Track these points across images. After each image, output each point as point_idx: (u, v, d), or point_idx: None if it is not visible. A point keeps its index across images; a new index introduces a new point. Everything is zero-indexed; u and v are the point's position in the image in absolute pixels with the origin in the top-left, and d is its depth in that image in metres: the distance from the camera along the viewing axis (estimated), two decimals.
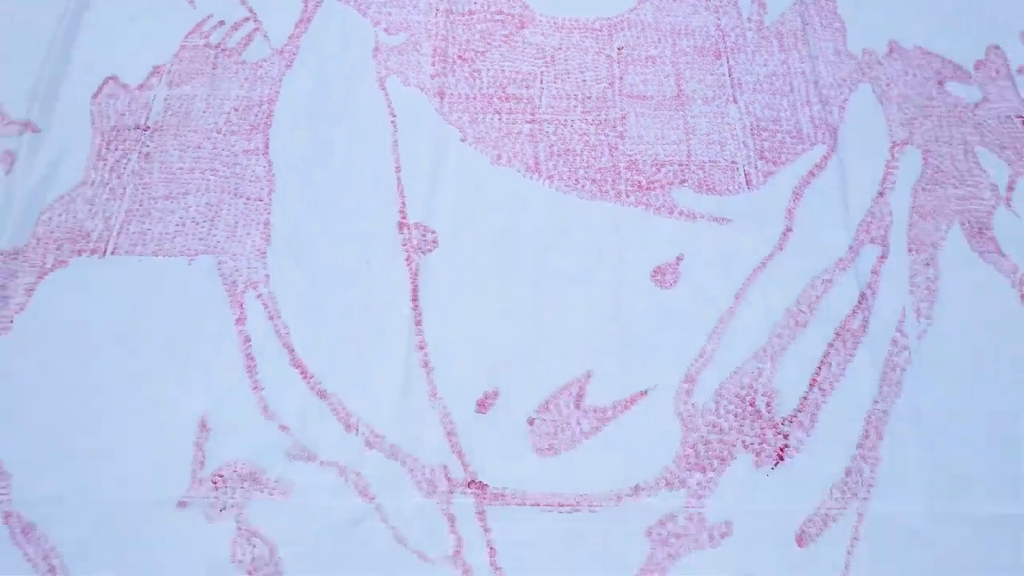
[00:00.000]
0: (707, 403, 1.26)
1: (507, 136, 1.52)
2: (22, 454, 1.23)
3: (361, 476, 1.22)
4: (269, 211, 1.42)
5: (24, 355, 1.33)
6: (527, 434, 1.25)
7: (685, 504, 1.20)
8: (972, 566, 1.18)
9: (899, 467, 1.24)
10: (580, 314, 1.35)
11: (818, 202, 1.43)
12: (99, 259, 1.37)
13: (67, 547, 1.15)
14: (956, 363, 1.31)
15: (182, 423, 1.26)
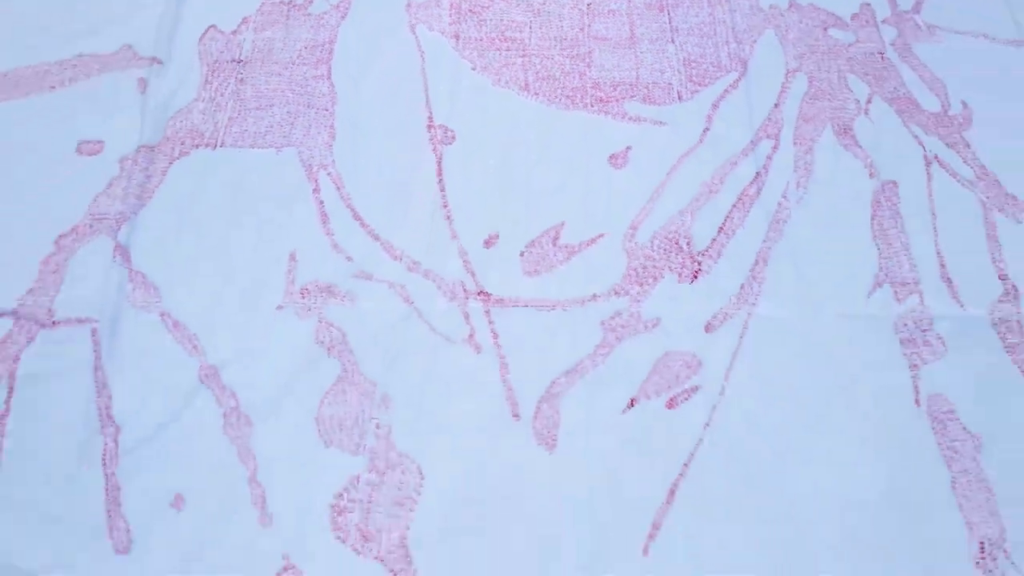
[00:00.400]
0: (645, 242, 1.73)
1: (505, 66, 1.99)
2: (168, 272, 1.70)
3: (404, 288, 1.69)
4: (333, 118, 1.90)
5: (164, 217, 1.81)
6: (519, 262, 1.73)
7: (628, 306, 1.67)
8: (830, 354, 1.65)
9: (779, 284, 1.71)
10: (558, 186, 1.83)
11: (730, 111, 1.89)
12: (211, 150, 1.88)
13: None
14: (823, 219, 1.78)
15: (278, 257, 1.74)
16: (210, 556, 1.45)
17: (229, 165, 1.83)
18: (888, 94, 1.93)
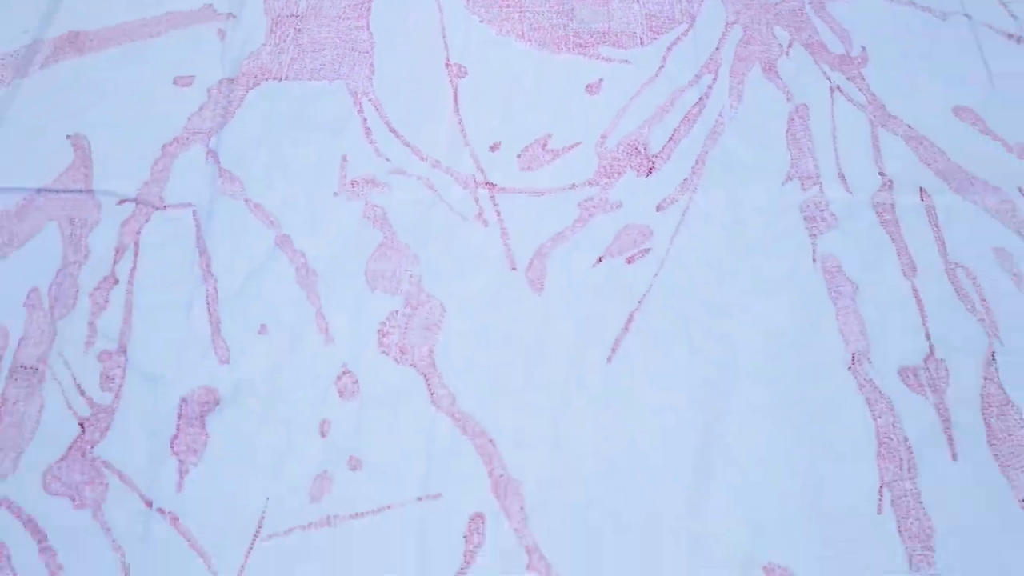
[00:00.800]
0: (612, 148, 2.19)
1: (506, 20, 2.44)
2: (248, 170, 2.18)
3: (430, 180, 2.14)
4: (372, 58, 2.37)
5: (243, 130, 2.28)
6: (516, 162, 2.19)
7: (599, 192, 2.14)
8: (750, 227, 2.11)
9: (713, 178, 2.18)
10: (547, 108, 2.29)
11: (680, 52, 2.35)
12: (277, 82, 2.35)
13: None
14: (749, 131, 2.23)
15: (333, 159, 2.21)
16: (288, 365, 1.93)
17: (292, 93, 2.30)
18: (804, 40, 2.38)
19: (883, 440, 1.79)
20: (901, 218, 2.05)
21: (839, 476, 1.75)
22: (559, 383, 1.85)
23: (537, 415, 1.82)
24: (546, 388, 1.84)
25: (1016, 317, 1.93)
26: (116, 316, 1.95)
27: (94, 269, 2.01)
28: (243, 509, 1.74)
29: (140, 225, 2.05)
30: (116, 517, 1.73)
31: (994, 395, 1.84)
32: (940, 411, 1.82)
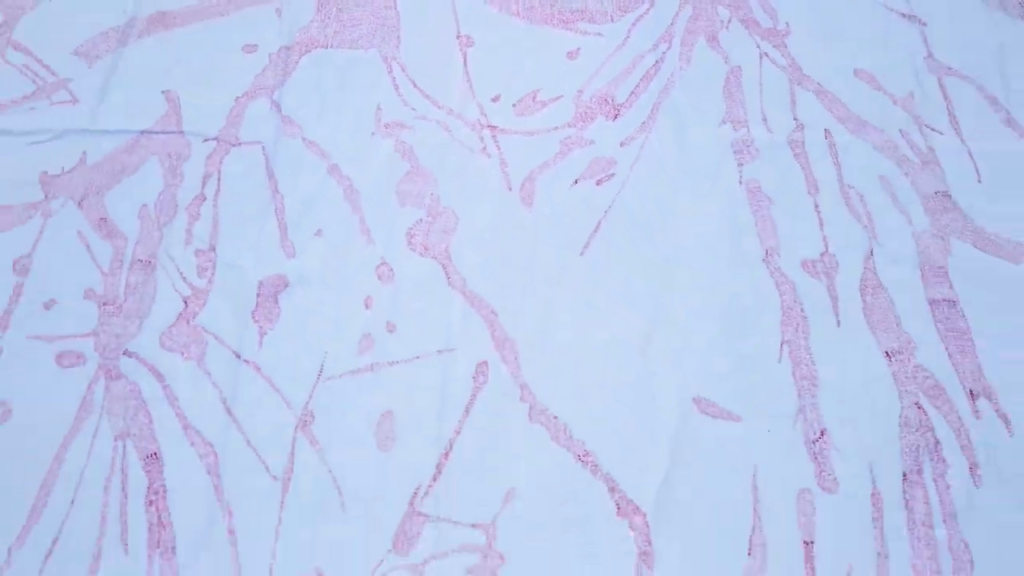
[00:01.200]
0: (587, 99, 2.73)
1: (504, 1, 3.03)
2: (304, 114, 2.73)
3: (445, 123, 2.64)
4: (399, 31, 2.92)
5: (299, 86, 2.83)
6: (512, 110, 2.74)
7: (575, 133, 2.68)
8: (691, 159, 2.66)
9: (665, 122, 2.71)
10: (535, 69, 2.83)
11: (642, 27, 2.85)
12: (323, 49, 2.89)
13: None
14: (694, 87, 2.77)
15: (370, 108, 2.76)
16: (339, 258, 2.48)
17: (336, 58, 2.84)
18: (741, 17, 2.91)
19: (786, 311, 2.34)
20: (809, 152, 2.60)
21: (753, 335, 2.31)
22: (544, 270, 2.40)
23: (528, 292, 2.36)
24: (534, 273, 2.38)
25: (892, 225, 2.47)
26: (207, 224, 2.49)
27: (188, 190, 2.55)
28: (307, 360, 2.29)
29: (221, 157, 2.60)
30: (214, 366, 2.28)
31: (870, 280, 2.38)
32: (830, 292, 2.37)
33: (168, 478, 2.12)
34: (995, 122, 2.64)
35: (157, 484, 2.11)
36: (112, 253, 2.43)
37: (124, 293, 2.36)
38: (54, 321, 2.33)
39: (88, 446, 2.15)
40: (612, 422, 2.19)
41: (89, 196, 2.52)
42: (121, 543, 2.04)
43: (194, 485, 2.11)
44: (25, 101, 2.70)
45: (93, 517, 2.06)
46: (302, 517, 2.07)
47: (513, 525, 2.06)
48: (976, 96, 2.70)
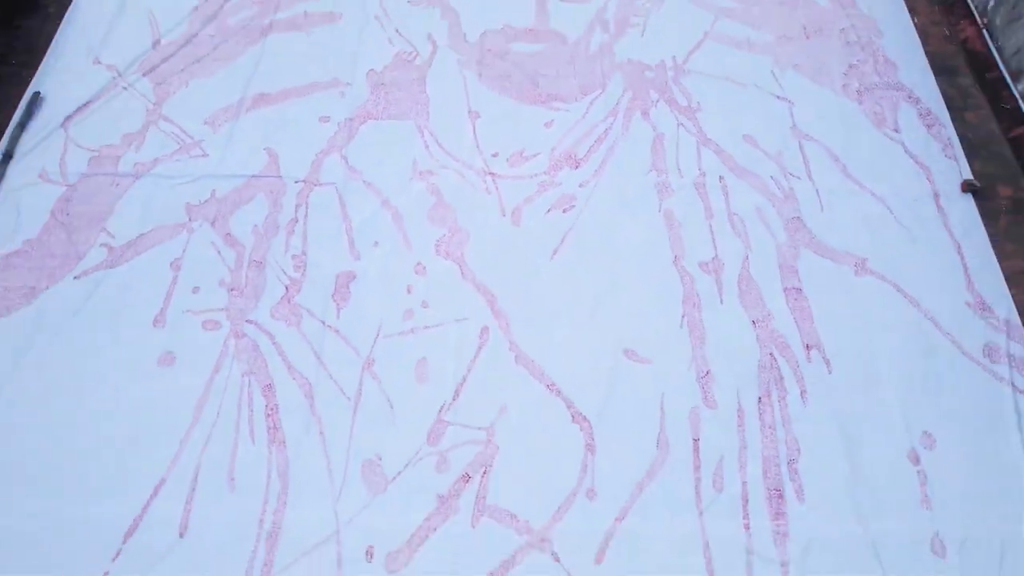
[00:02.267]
0: (558, 155, 3.86)
1: (501, 85, 4.12)
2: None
3: (460, 171, 3.72)
4: (428, 108, 4.03)
5: (360, 144, 3.95)
6: (506, 162, 3.85)
7: (550, 176, 3.77)
8: (627, 199, 3.77)
9: (611, 170, 3.83)
10: (523, 131, 3.94)
11: (598, 104, 3.96)
12: (375, 120, 4.00)
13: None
14: (632, 146, 3.90)
15: (407, 161, 3.86)
16: (390, 260, 3.55)
17: (384, 127, 3.94)
18: (666, 98, 4.02)
19: (687, 295, 3.39)
20: (708, 191, 3.70)
21: (665, 310, 3.37)
22: (527, 267, 3.46)
23: (515, 282, 3.42)
24: (520, 270, 3.45)
25: (761, 239, 3.55)
26: (299, 238, 3.58)
27: (285, 215, 3.65)
28: (369, 326, 3.33)
29: (308, 193, 3.70)
30: (307, 329, 3.32)
31: (744, 275, 3.44)
32: (717, 283, 3.42)
33: (279, 399, 3.16)
34: (835, 171, 3.77)
35: (272, 404, 3.15)
36: (235, 256, 3.52)
37: (244, 282, 3.44)
38: (199, 301, 3.40)
39: (225, 380, 3.20)
40: (571, 364, 3.24)
41: (218, 219, 3.62)
42: (250, 440, 3.07)
43: (296, 404, 3.15)
44: (173, 156, 3.83)
45: (231, 424, 3.10)
46: (366, 424, 3.11)
47: (505, 428, 3.09)
48: (823, 154, 3.83)
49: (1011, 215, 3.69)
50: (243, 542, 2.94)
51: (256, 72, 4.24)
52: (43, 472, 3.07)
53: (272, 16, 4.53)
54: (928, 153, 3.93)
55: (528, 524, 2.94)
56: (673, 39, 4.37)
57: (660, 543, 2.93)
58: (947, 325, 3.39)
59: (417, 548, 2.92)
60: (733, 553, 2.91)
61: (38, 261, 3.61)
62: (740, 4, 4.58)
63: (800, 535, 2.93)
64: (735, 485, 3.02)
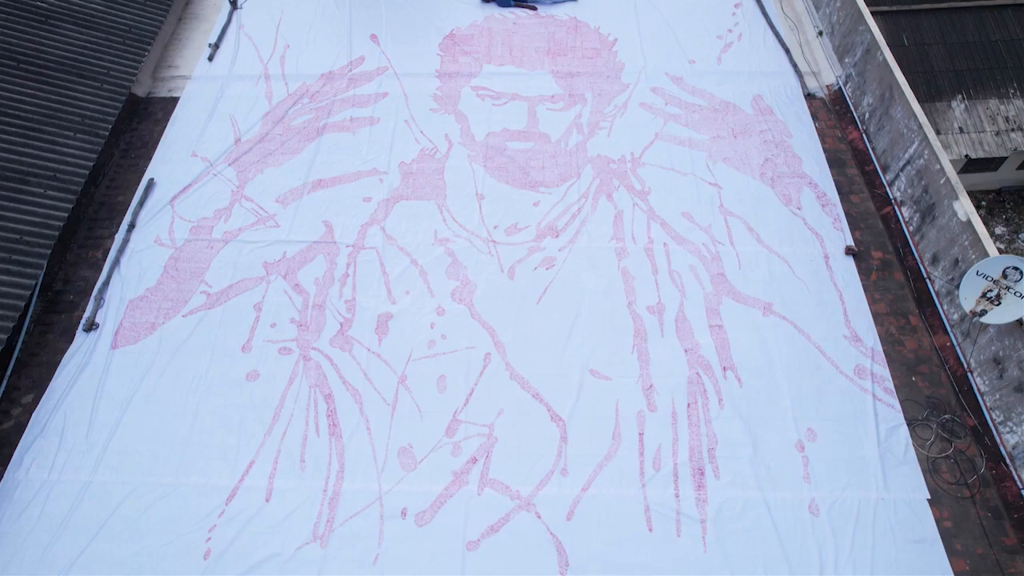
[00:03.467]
0: (542, 227, 5.05)
1: (500, 175, 5.36)
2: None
3: (468, 239, 4.95)
4: (445, 192, 5.27)
5: (396, 218, 5.14)
6: (504, 232, 5.02)
7: (536, 242, 4.95)
8: (594, 258, 4.92)
9: (582, 238, 5.00)
10: (516, 210, 5.16)
11: (573, 189, 5.17)
12: (406, 200, 5.23)
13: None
14: (598, 220, 5.09)
15: (429, 231, 5.04)
16: (418, 303, 4.68)
17: (412, 206, 5.18)
18: (625, 184, 5.29)
19: (636, 330, 4.53)
20: (655, 254, 4.88)
21: (619, 341, 4.49)
22: (519, 309, 4.61)
23: (510, 320, 4.57)
24: (514, 311, 4.60)
25: (693, 289, 4.70)
26: (350, 288, 4.73)
27: (339, 270, 4.81)
28: (403, 351, 4.47)
29: (356, 255, 4.87)
30: (358, 355, 4.45)
31: (679, 316, 4.58)
32: (660, 321, 4.57)
33: (337, 404, 4.25)
34: (750, 239, 4.96)
35: (331, 407, 4.23)
36: (302, 301, 4.66)
37: (309, 320, 4.57)
38: (276, 333, 4.53)
39: (296, 391, 4.30)
40: (550, 379, 4.36)
41: (288, 273, 4.78)
42: (316, 433, 4.14)
43: (349, 408, 4.25)
44: (253, 226, 5.03)
45: (302, 421, 4.18)
46: (401, 422, 4.20)
47: (502, 425, 4.18)
48: (742, 226, 5.02)
49: (879, 271, 4.86)
50: (311, 505, 4.00)
51: (314, 163, 5.51)
52: (168, 454, 4.18)
53: (326, 119, 5.83)
54: (821, 225, 5.14)
55: (519, 492, 3.99)
56: (632, 139, 5.65)
57: (613, 506, 3.98)
58: (829, 352, 4.52)
59: (438, 510, 3.97)
60: (666, 513, 3.96)
61: (156, 304, 4.77)
62: (683, 111, 5.88)
63: (715, 501, 3.98)
64: (669, 466, 4.09)
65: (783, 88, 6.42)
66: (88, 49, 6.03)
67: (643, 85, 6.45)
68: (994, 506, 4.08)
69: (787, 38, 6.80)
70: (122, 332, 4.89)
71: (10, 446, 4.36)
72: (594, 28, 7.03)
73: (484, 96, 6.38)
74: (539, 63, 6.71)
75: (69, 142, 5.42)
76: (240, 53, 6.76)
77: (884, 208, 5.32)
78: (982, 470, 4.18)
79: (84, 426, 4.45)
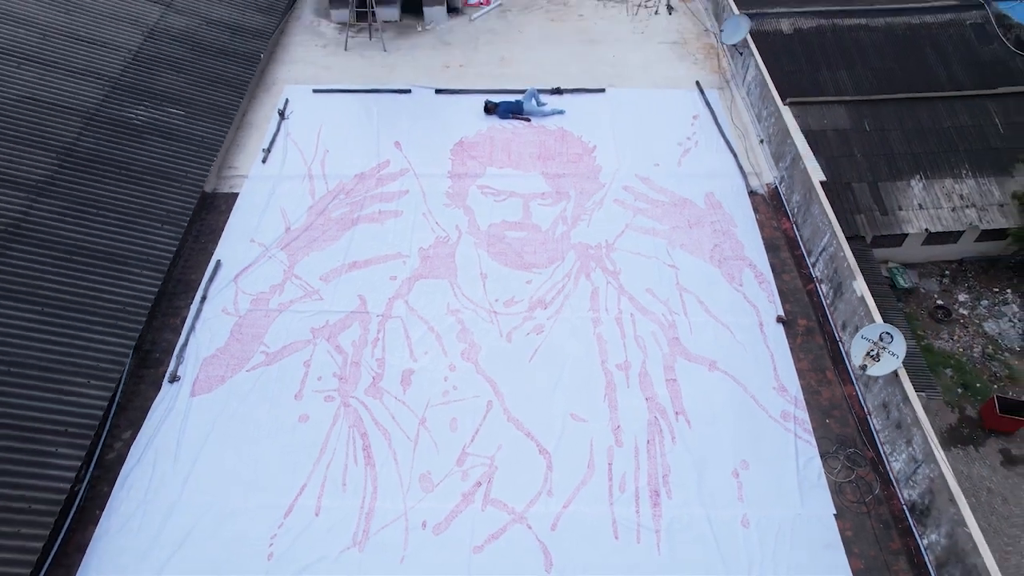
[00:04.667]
0: (534, 300, 6.21)
1: (501, 258, 6.59)
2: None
3: (474, 311, 6.14)
4: (457, 272, 6.48)
5: (417, 292, 6.32)
6: (503, 305, 6.19)
7: (528, 312, 6.12)
8: (575, 328, 6.08)
9: (566, 310, 6.16)
10: (513, 286, 6.35)
11: (559, 269, 6.41)
12: (424, 279, 6.42)
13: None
14: (577, 298, 6.28)
15: (443, 303, 6.21)
16: (435, 362, 5.80)
17: (430, 284, 6.37)
18: (601, 266, 6.48)
19: (608, 383, 5.64)
20: (624, 323, 6.03)
21: (594, 392, 5.60)
22: (515, 366, 5.77)
23: (508, 376, 5.73)
24: (511, 368, 5.74)
25: (653, 352, 5.85)
26: (380, 348, 5.88)
27: (371, 334, 5.97)
28: (423, 399, 5.59)
29: (384, 323, 6.04)
30: (387, 402, 5.56)
31: (643, 372, 5.71)
32: (627, 377, 5.69)
33: (371, 441, 5.35)
34: (701, 311, 6.17)
35: (366, 443, 5.35)
36: (342, 360, 5.83)
37: (348, 374, 5.70)
38: (321, 385, 5.70)
39: (340, 430, 5.39)
40: (539, 421, 5.49)
41: (331, 337, 5.96)
42: (354, 462, 5.21)
43: (380, 444, 5.36)
44: (301, 299, 6.27)
45: (343, 455, 5.27)
46: (421, 454, 5.34)
47: (501, 457, 5.31)
48: (695, 300, 6.22)
49: (803, 336, 6.04)
50: (351, 519, 5.06)
51: (350, 248, 6.78)
52: (238, 479, 5.28)
53: (359, 212, 7.14)
54: (758, 299, 6.35)
55: (514, 508, 5.07)
56: (606, 229, 6.96)
57: (587, 520, 5.05)
58: (761, 400, 5.66)
59: (450, 522, 5.02)
60: (629, 526, 5.02)
61: (225, 361, 5.93)
62: (649, 206, 7.20)
63: (667, 516, 5.05)
64: (631, 488, 5.17)
65: (731, 186, 7.77)
66: (170, 156, 7.39)
67: (616, 184, 7.83)
68: (884, 519, 5.12)
69: (735, 145, 8.21)
70: (198, 383, 6.02)
71: (114, 472, 5.41)
72: (577, 136, 8.46)
73: (487, 193, 7.73)
74: (532, 166, 8.08)
75: (157, 231, 6.67)
76: (288, 156, 8.14)
77: (808, 285, 6.54)
78: (876, 491, 5.22)
79: (171, 457, 5.51)
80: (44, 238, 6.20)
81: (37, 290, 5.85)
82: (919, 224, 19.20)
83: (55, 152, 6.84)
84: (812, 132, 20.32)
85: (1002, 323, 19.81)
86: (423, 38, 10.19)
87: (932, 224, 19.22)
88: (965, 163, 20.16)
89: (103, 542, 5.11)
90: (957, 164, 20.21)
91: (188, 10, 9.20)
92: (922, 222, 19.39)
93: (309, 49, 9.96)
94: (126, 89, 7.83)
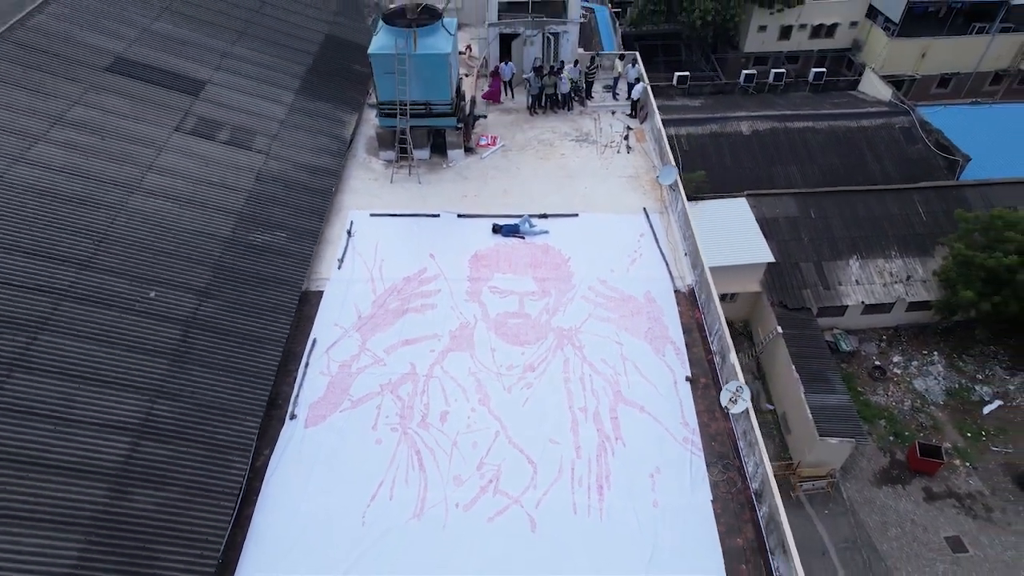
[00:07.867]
0: (526, 364, 9.24)
1: (502, 331, 9.67)
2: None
3: (490, 375, 9.16)
4: (474, 345, 9.54)
5: (440, 380, 9.34)
6: (505, 368, 9.21)
7: (522, 374, 9.12)
8: (566, 376, 9.07)
9: (551, 367, 9.17)
10: (512, 362, 9.38)
11: (544, 346, 9.52)
12: (455, 351, 9.47)
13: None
14: (555, 363, 9.30)
15: (466, 367, 9.22)
16: (459, 412, 8.78)
17: (459, 356, 9.44)
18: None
19: (573, 421, 8.61)
20: (584, 381, 9.06)
21: (564, 427, 8.57)
22: (513, 409, 8.79)
23: (509, 415, 8.80)
24: (510, 409, 8.78)
25: (603, 397, 8.84)
26: (427, 398, 8.88)
27: (419, 389, 8.98)
28: (454, 431, 8.59)
29: (428, 381, 9.08)
30: (433, 432, 8.52)
31: (607, 411, 8.68)
32: (595, 418, 8.65)
33: (422, 457, 8.33)
34: (636, 372, 9.19)
35: (420, 459, 8.38)
36: (401, 405, 8.96)
37: (405, 414, 8.71)
38: (388, 420, 8.74)
39: (402, 449, 8.41)
40: (530, 444, 8.56)
41: (393, 390, 9.05)
42: (411, 468, 8.21)
43: (429, 459, 8.42)
44: (371, 365, 9.34)
45: (404, 466, 8.25)
46: (455, 465, 8.30)
47: (505, 466, 8.31)
48: (633, 366, 9.27)
49: (703, 390, 9.09)
50: (411, 502, 8.06)
51: (402, 330, 9.88)
52: (337, 481, 8.15)
53: (407, 305, 10.35)
54: (675, 365, 9.57)
55: (513, 495, 7.94)
56: (575, 317, 10.19)
57: (558, 503, 8.01)
58: (671, 431, 8.73)
59: (474, 503, 7.98)
60: (583, 506, 7.96)
61: (325, 406, 9.05)
62: (605, 300, 10.50)
63: (608, 500, 8.02)
64: (586, 484, 8.15)
65: (663, 287, 10.98)
66: (279, 267, 10.64)
67: (584, 285, 11.06)
68: (740, 502, 8.06)
69: (668, 256, 11.40)
70: (309, 420, 9.01)
71: (259, 481, 8.31)
72: (557, 250, 11.72)
73: (495, 292, 10.92)
74: (525, 272, 11.30)
75: (277, 320, 9.79)
76: (355, 264, 11.37)
77: (708, 356, 9.59)
78: (738, 485, 8.11)
79: (294, 465, 8.41)
80: (213, 325, 9.32)
81: (214, 358, 8.89)
82: (856, 297, 22.87)
83: (209, 267, 10.01)
84: (766, 219, 24.18)
85: (928, 381, 23.28)
86: (447, 173, 13.57)
87: (867, 297, 22.84)
88: (894, 245, 24.05)
89: (260, 516, 8.02)
90: (887, 246, 24.09)
91: (281, 156, 12.63)
92: (859, 295, 23.08)
93: (364, 182, 13.31)
94: (248, 219, 11.08)
